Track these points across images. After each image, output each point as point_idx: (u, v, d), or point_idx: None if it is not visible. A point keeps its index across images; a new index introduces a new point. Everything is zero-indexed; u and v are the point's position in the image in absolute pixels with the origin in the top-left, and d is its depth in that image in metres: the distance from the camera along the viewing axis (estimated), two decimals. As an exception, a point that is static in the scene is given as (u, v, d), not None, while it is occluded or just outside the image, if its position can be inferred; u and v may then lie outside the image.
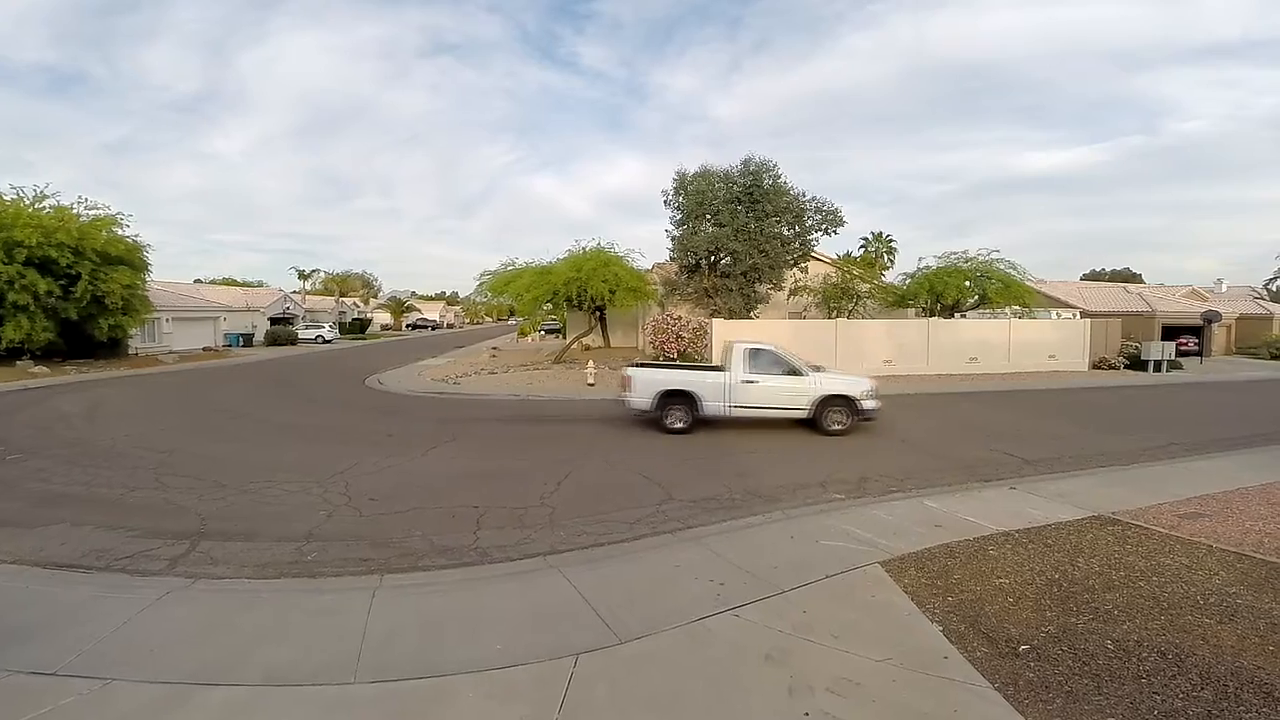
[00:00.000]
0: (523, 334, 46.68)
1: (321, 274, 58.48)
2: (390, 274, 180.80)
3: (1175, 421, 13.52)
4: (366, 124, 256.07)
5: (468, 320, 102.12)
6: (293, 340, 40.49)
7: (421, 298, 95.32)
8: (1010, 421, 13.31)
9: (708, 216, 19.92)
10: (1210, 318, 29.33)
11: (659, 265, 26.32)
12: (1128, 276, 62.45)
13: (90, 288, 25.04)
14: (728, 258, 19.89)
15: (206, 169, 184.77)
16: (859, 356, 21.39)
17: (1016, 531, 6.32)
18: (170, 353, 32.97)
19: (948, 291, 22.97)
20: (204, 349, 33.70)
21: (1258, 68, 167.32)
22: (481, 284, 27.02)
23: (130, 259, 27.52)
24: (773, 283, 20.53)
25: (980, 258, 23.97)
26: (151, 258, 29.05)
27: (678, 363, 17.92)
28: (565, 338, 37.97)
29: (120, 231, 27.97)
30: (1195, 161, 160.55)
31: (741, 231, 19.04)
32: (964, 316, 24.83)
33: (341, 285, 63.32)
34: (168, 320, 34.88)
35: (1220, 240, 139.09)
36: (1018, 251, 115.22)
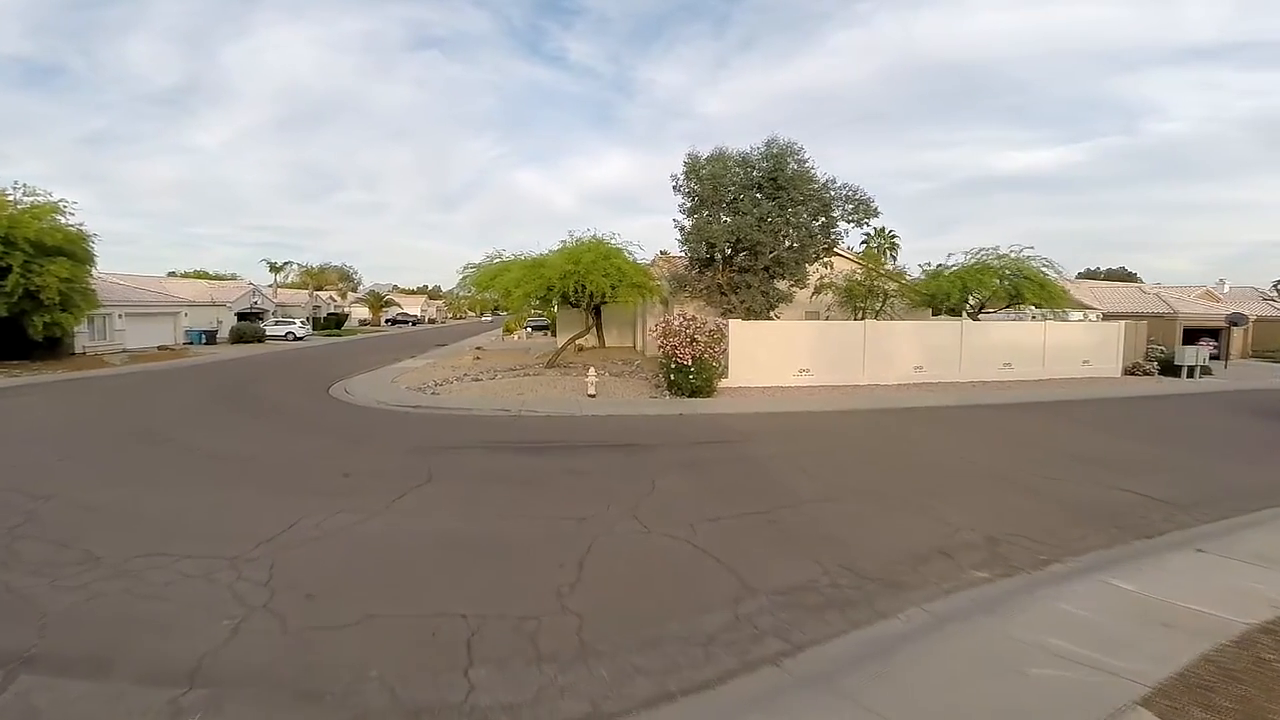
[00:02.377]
0: (508, 331, 44.02)
1: (295, 266, 55.01)
2: (373, 267, 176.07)
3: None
4: (350, 117, 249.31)
5: (450, 315, 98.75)
6: (260, 338, 37.33)
7: (403, 292, 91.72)
8: (1096, 444, 11.21)
9: (724, 204, 17.52)
10: (1236, 320, 27.82)
11: (661, 259, 23.93)
12: (1123, 276, 61.63)
13: (23, 281, 22.18)
14: (745, 251, 17.55)
15: (186, 162, 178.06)
16: (887, 361, 19.34)
17: (1275, 623, 4.27)
18: (122, 351, 29.80)
19: (982, 291, 20.98)
20: (159, 348, 30.51)
21: (1237, 70, 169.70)
22: (465, 277, 24.39)
23: (72, 250, 24.48)
24: (795, 279, 18.26)
25: (1012, 255, 22.01)
26: (128, 250, 26.57)
27: (690, 369, 15.59)
28: (556, 336, 35.44)
29: (63, 220, 25.02)
30: (1174, 163, 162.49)
31: (765, 221, 16.71)
32: (975, 318, 22.92)
33: (317, 278, 59.81)
34: (120, 316, 31.66)
35: (1198, 240, 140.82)
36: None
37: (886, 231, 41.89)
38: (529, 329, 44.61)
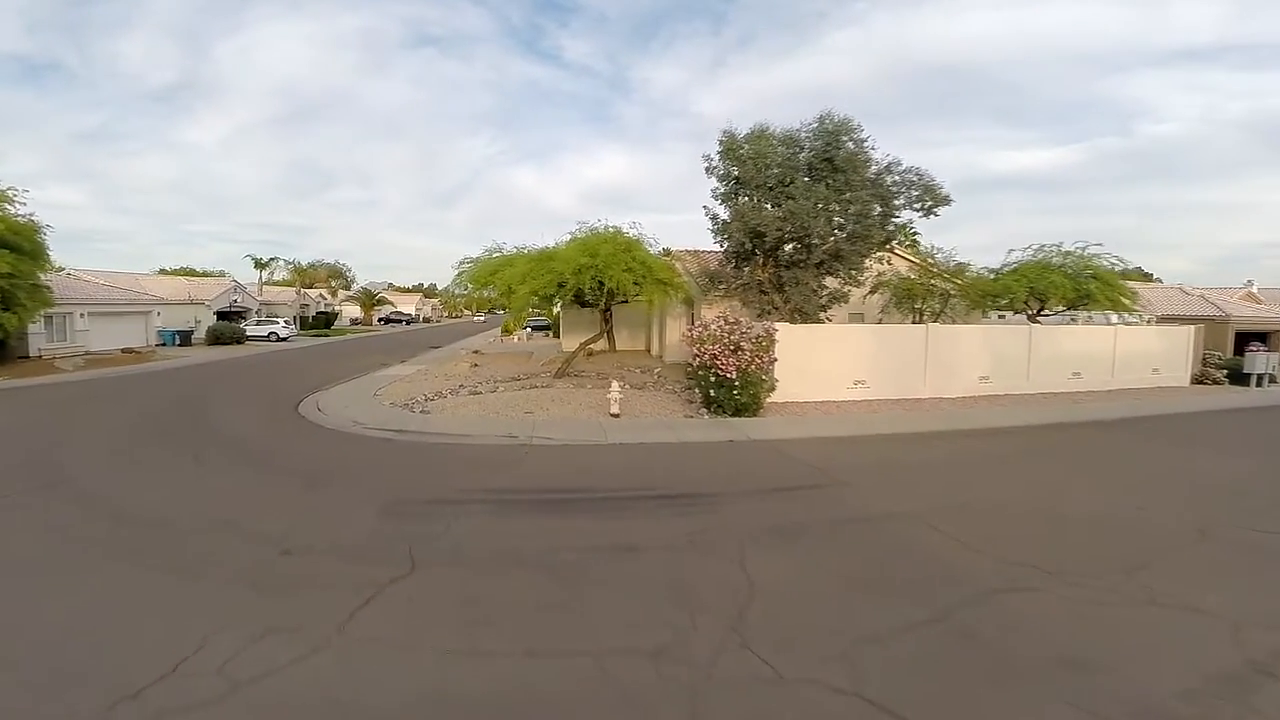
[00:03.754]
0: (507, 332, 40.97)
1: (282, 263, 51.58)
2: (367, 265, 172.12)
3: None
4: (346, 115, 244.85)
5: (446, 314, 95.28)
6: (239, 339, 34.10)
7: (398, 290, 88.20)
8: (1259, 476, 8.52)
9: (767, 188, 14.62)
10: (1300, 323, 25.20)
11: (682, 253, 21.00)
12: (1141, 276, 59.13)
13: (-50, 277, 19.19)
14: (795, 242, 14.66)
15: (181, 159, 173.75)
16: (950, 371, 16.56)
17: None
18: (84, 354, 26.65)
19: (1050, 291, 18.22)
20: (123, 350, 27.31)
21: (1230, 71, 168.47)
22: (461, 274, 21.34)
23: (16, 242, 21.37)
24: (851, 275, 15.39)
25: (1078, 250, 19.27)
26: (122, 248, 23.85)
27: (734, 383, 12.69)
28: (560, 338, 32.40)
29: (11, 210, 21.94)
30: (1168, 164, 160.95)
31: (824, 207, 13.81)
32: (1034, 321, 20.20)
33: (306, 276, 56.42)
34: (82, 316, 28.50)
35: (1189, 241, 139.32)
36: (991, 250, 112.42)
37: (909, 228, 38.37)
38: (528, 329, 41.59)
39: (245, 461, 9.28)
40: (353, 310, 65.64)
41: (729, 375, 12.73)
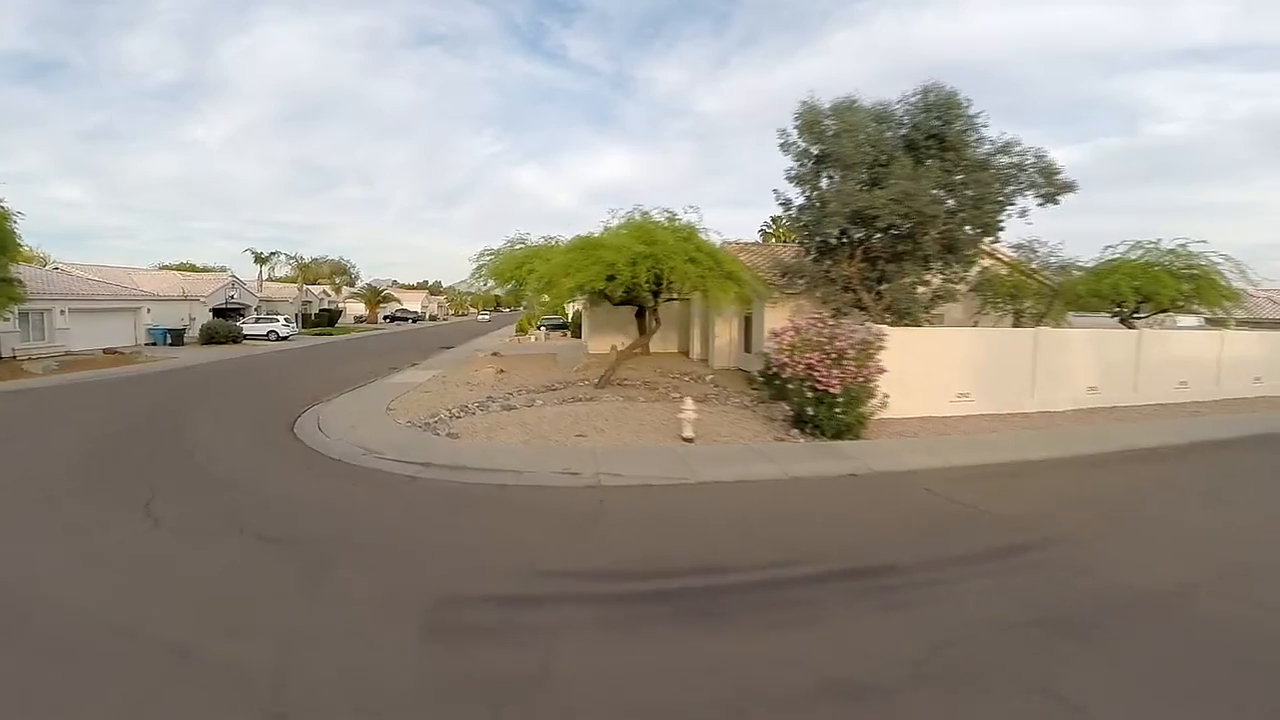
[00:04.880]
0: (522, 331, 38.18)
1: (284, 258, 48.52)
2: (371, 263, 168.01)
3: None
4: (350, 113, 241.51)
5: (451, 312, 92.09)
6: (235, 338, 31.19)
7: (404, 287, 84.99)
8: None
9: (863, 167, 11.87)
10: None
11: (732, 246, 18.23)
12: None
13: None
14: (897, 232, 11.92)
15: (185, 157, 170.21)
16: (1057, 381, 13.93)
17: None
18: (64, 355, 23.81)
19: (1159, 292, 15.61)
20: (104, 351, 24.44)
21: (1236, 71, 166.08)
22: (481, 266, 18.67)
23: (-19, 232, 18.63)
24: (961, 270, 12.70)
25: (1180, 248, 16.63)
26: (127, 245, 21.22)
27: (838, 399, 9.97)
28: (585, 339, 29.51)
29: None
30: (1172, 164, 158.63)
31: (949, 191, 11.07)
32: (1130, 325, 17.59)
33: (308, 272, 53.40)
34: (63, 313, 25.63)
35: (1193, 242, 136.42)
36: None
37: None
38: (543, 328, 38.76)
39: (217, 517, 6.49)
40: (357, 308, 62.57)
41: (831, 390, 10.01)
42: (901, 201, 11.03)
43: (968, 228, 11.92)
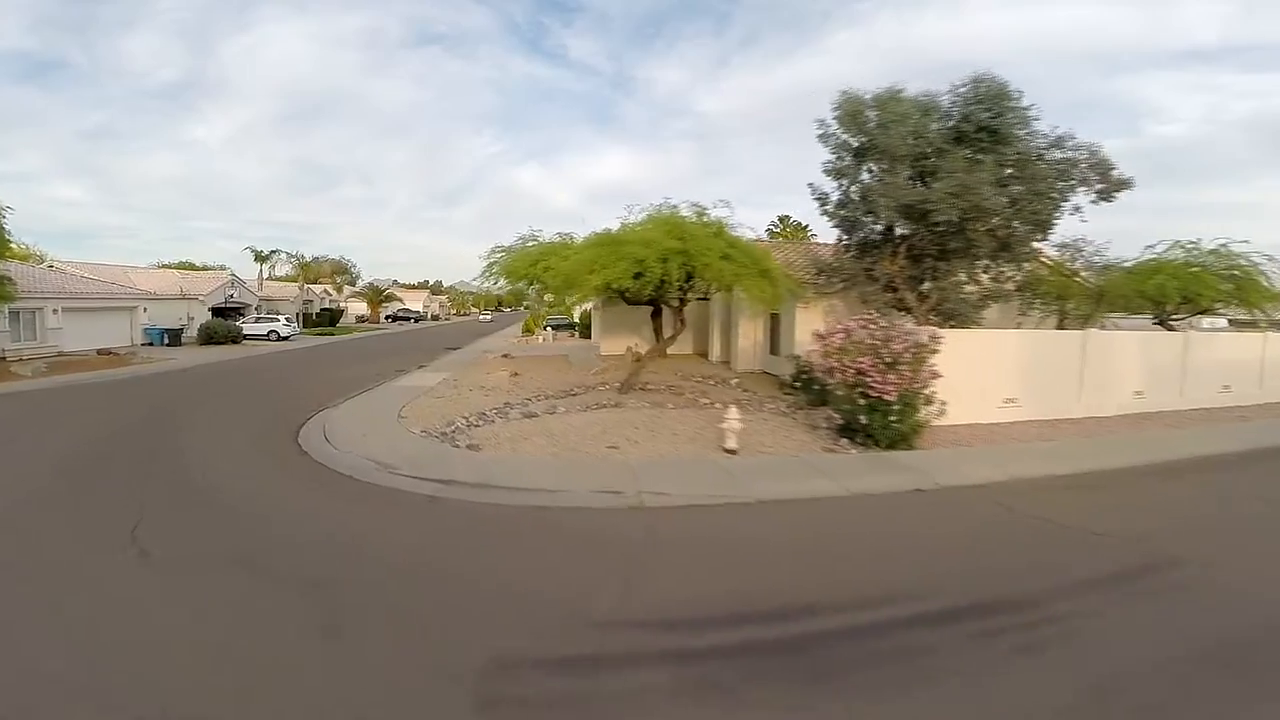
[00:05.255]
0: (528, 331, 37.24)
1: (284, 256, 47.39)
2: (371, 263, 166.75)
3: None
4: (350, 113, 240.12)
5: (454, 311, 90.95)
6: (235, 338, 30.18)
7: (405, 287, 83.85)
8: None
9: (908, 159, 11.01)
10: None
11: (765, 243, 17.33)
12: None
13: None
14: (945, 227, 11.05)
15: (186, 156, 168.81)
16: (1103, 385, 13.15)
17: None
18: (56, 356, 22.83)
19: (1203, 293, 14.84)
20: (98, 351, 23.43)
21: (1236, 72, 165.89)
22: (492, 264, 17.71)
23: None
24: (1014, 268, 11.87)
25: (1221, 248, 15.86)
26: (128, 244, 20.89)
27: (893, 406, 9.13)
28: (597, 339, 28.51)
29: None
30: (1172, 164, 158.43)
31: (977, 186, 10.19)
32: (1170, 326, 16.81)
33: (309, 270, 52.31)
34: (55, 312, 24.62)
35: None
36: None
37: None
38: (549, 328, 37.79)
39: (214, 547, 5.58)
40: (358, 307, 61.46)
41: (886, 397, 9.16)
42: (960, 195, 10.16)
43: (1018, 224, 11.05)
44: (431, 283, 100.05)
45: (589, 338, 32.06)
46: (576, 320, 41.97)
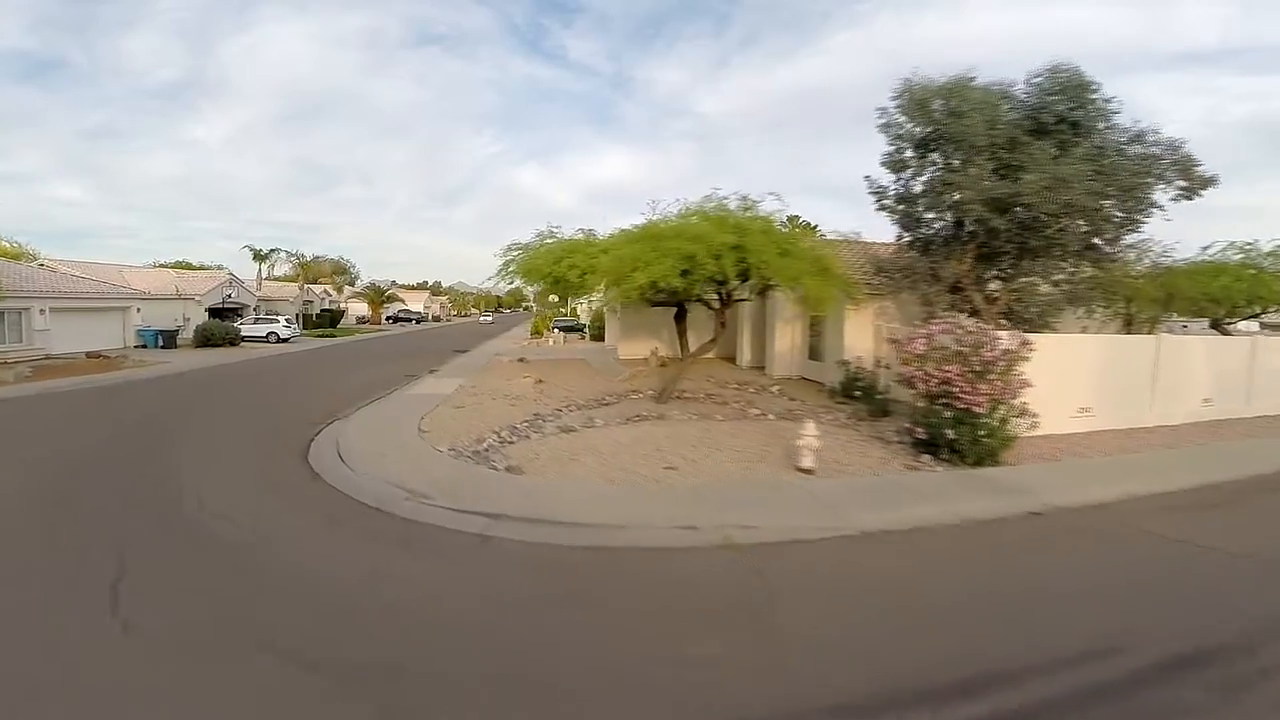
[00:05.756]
0: (537, 333, 35.98)
1: (284, 255, 45.78)
2: (370, 263, 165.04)
3: None
4: (350, 113, 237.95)
5: (454, 312, 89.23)
6: (233, 339, 28.73)
7: (404, 287, 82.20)
8: None
9: (980, 150, 9.93)
10: None
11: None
12: None
13: None
14: (1010, 226, 10.00)
15: (185, 156, 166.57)
16: (1173, 392, 12.17)
17: None
18: (42, 359, 21.42)
19: (1264, 295, 13.92)
20: (88, 354, 21.98)
21: (1234, 74, 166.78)
22: (509, 262, 16.53)
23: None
24: (1100, 268, 10.83)
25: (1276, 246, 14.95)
26: (128, 244, 20.03)
27: (983, 420, 8.04)
28: (606, 340, 27.21)
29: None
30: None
31: (1073, 180, 9.11)
32: (1225, 331, 15.84)
33: (310, 270, 50.72)
34: (42, 312, 23.18)
35: (1194, 244, 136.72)
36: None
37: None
38: (555, 329, 36.53)
39: (219, 614, 4.36)
40: (359, 308, 59.86)
41: (976, 408, 8.05)
42: (1054, 189, 9.07)
43: (1105, 222, 9.98)
44: (431, 283, 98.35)
45: (600, 340, 30.82)
46: (584, 323, 40.78)
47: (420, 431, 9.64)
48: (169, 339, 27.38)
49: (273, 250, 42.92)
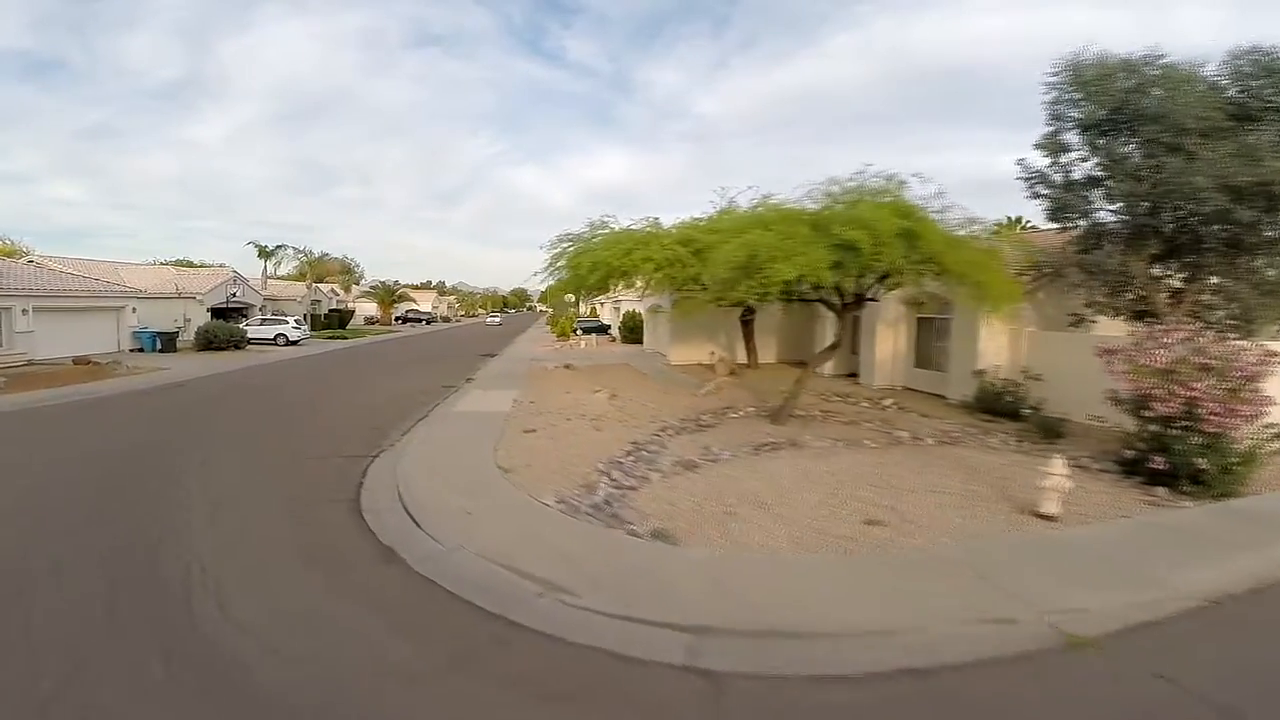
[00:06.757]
0: (563, 335, 33.51)
1: (290, 251, 43.02)
2: (370, 262, 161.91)
3: None
4: (349, 113, 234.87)
5: (463, 313, 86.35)
6: (237, 342, 26.17)
7: (410, 288, 79.41)
8: None
9: (1193, 133, 7.92)
10: None
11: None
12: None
13: None
14: (1211, 218, 7.95)
15: (185, 155, 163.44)
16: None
17: None
18: (25, 364, 19.02)
19: None
20: (74, 360, 19.40)
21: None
22: (558, 254, 14.14)
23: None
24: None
25: None
26: (126, 244, 16.50)
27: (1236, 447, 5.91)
28: (646, 343, 24.58)
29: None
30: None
31: None
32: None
33: (317, 268, 47.97)
34: (25, 312, 20.64)
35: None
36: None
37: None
38: (578, 331, 34.07)
39: None
40: (367, 308, 57.08)
41: (1230, 431, 6.13)
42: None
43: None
44: (435, 283, 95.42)
45: (635, 343, 28.38)
46: (609, 323, 38.30)
47: (501, 470, 7.25)
48: (168, 342, 24.79)
49: (279, 247, 40.34)
